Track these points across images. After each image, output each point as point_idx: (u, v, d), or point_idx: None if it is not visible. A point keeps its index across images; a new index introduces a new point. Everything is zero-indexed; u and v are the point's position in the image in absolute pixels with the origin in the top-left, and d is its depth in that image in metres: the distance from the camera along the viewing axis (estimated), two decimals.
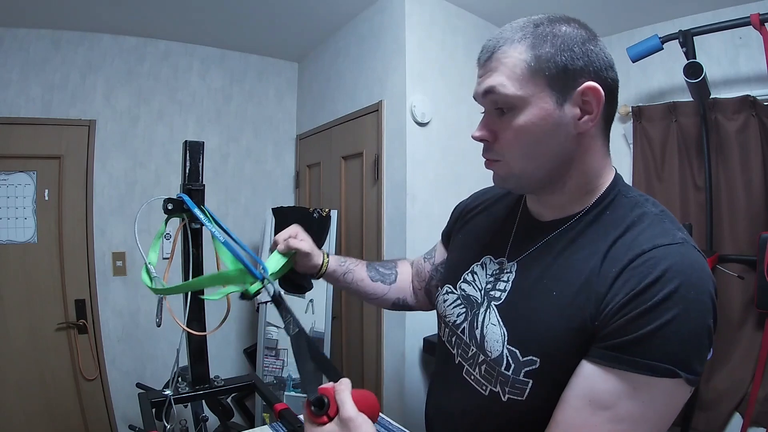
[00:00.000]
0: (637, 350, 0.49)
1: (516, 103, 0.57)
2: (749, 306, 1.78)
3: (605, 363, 0.50)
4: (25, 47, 2.14)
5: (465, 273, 0.74)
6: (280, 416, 0.85)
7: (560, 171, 0.60)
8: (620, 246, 0.55)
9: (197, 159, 0.91)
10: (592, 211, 0.61)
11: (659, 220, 0.56)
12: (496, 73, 0.57)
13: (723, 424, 1.77)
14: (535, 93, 0.56)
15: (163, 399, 0.88)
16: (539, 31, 0.57)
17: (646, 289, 0.49)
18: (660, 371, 0.48)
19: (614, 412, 0.50)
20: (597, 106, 0.56)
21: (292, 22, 2.31)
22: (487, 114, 0.61)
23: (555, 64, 0.55)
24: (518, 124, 0.57)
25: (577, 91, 0.56)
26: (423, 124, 1.94)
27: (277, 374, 2.22)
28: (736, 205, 1.84)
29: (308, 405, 0.56)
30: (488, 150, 0.62)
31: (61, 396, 2.15)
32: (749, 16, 1.60)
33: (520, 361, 0.58)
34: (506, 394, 0.60)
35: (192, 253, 0.89)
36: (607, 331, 0.51)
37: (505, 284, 0.65)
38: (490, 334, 0.63)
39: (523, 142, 0.58)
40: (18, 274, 2.11)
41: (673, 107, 1.97)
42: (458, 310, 0.72)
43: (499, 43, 0.58)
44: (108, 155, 2.32)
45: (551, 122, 0.56)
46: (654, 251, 0.51)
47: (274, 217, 2.33)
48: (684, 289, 0.48)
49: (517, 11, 2.09)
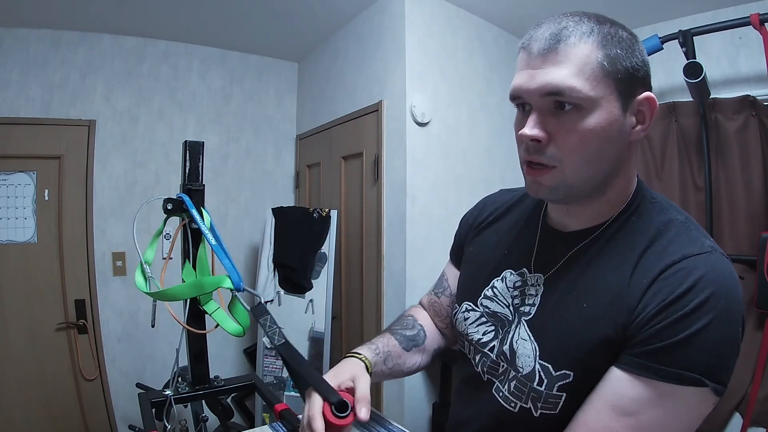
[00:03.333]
0: (666, 359, 0.49)
1: (584, 104, 0.52)
2: (749, 306, 1.77)
3: (633, 370, 0.50)
4: (25, 47, 2.14)
5: (485, 288, 0.70)
6: (280, 416, 0.85)
7: (608, 180, 0.58)
8: (650, 256, 0.54)
9: (197, 159, 0.91)
10: (620, 218, 0.60)
11: (686, 228, 0.56)
12: (562, 68, 0.51)
13: (723, 424, 1.77)
14: (605, 95, 0.52)
15: (163, 399, 0.88)
16: (605, 29, 0.53)
17: (678, 299, 0.49)
18: (686, 380, 0.48)
19: (637, 420, 0.50)
20: (650, 117, 0.56)
21: (292, 22, 2.31)
22: (539, 111, 0.54)
23: (624, 69, 0.53)
24: (587, 128, 0.52)
25: (637, 100, 0.55)
26: (423, 124, 1.94)
27: (277, 374, 2.22)
28: (736, 205, 1.84)
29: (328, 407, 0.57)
30: (540, 153, 0.54)
31: (61, 396, 2.15)
32: (749, 16, 1.60)
33: (553, 376, 0.57)
34: (539, 409, 0.58)
35: (191, 253, 0.89)
36: (638, 340, 0.51)
37: (533, 298, 0.63)
38: (521, 349, 0.61)
39: (588, 147, 0.53)
40: (18, 274, 2.11)
41: (673, 107, 1.97)
42: (484, 328, 0.68)
43: (564, 33, 0.52)
44: (108, 155, 2.32)
45: (616, 128, 0.53)
46: (684, 261, 0.51)
47: (273, 217, 2.33)
48: (714, 299, 0.48)
49: (517, 11, 2.10)
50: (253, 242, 2.71)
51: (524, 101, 0.55)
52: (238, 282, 0.66)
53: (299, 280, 2.20)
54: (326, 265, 2.24)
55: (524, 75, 0.54)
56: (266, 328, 0.64)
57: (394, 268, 1.94)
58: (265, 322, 0.64)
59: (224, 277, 0.67)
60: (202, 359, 0.95)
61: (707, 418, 0.54)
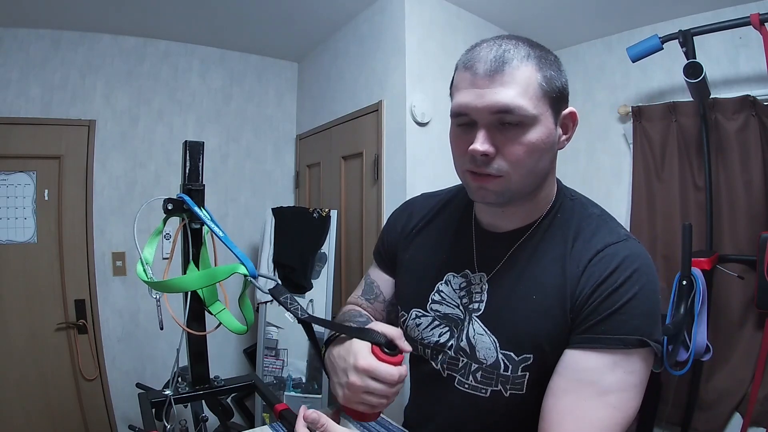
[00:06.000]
0: (608, 329, 0.56)
1: (527, 121, 0.57)
2: (749, 306, 1.77)
3: (583, 345, 0.58)
4: (25, 47, 2.14)
5: (431, 293, 0.74)
6: (280, 416, 0.85)
7: (540, 185, 0.65)
8: (577, 248, 0.63)
9: (197, 159, 0.90)
10: (548, 216, 0.68)
11: (603, 221, 0.66)
12: (509, 88, 0.56)
13: (723, 424, 1.77)
14: (543, 113, 0.58)
15: (163, 399, 0.88)
16: (538, 53, 0.59)
17: (607, 278, 0.58)
18: (631, 343, 0.56)
19: (599, 386, 0.56)
20: (573, 128, 0.64)
21: (292, 22, 2.32)
22: (487, 127, 0.58)
23: (557, 88, 0.59)
24: (530, 141, 0.58)
25: (563, 114, 0.62)
26: (423, 124, 1.94)
27: (277, 374, 2.22)
28: (736, 205, 1.84)
29: (377, 348, 0.58)
30: (487, 165, 0.59)
31: (61, 396, 2.15)
32: (749, 16, 1.59)
33: (516, 360, 0.63)
34: (508, 390, 0.65)
35: (192, 253, 0.89)
36: (580, 319, 0.59)
37: (480, 295, 0.69)
38: (480, 343, 0.66)
39: (531, 158, 0.59)
40: (18, 274, 2.11)
41: (673, 107, 1.97)
42: (439, 330, 0.73)
43: (507, 56, 0.57)
44: (108, 155, 2.32)
45: (551, 141, 0.60)
46: (607, 249, 0.61)
47: (273, 217, 2.33)
48: (637, 273, 0.58)
49: (517, 11, 2.10)
50: (253, 242, 2.71)
51: (470, 118, 0.59)
52: (252, 269, 0.66)
53: (299, 279, 2.20)
54: (326, 265, 2.24)
55: (471, 94, 0.58)
56: (288, 305, 0.63)
57: None
58: (286, 300, 0.64)
59: (237, 265, 0.66)
60: (202, 359, 0.95)
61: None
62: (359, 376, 0.57)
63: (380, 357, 0.57)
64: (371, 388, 0.57)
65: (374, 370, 0.56)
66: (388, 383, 0.57)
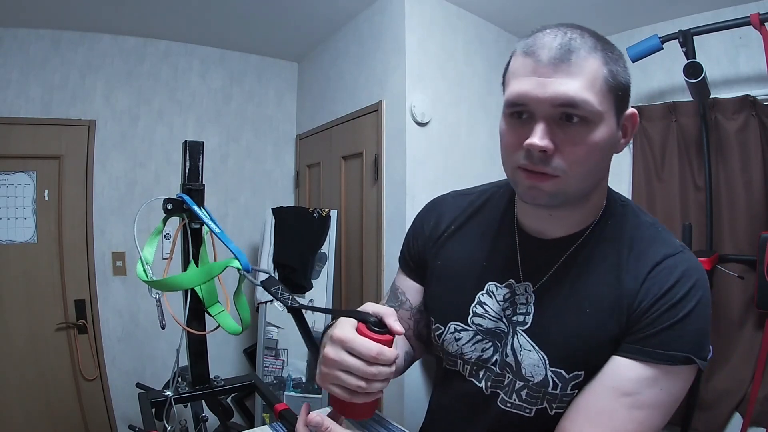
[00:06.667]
0: (660, 343, 0.55)
1: (592, 118, 0.52)
2: (749, 306, 1.78)
3: (631, 355, 0.56)
4: (25, 47, 2.14)
5: (472, 305, 0.68)
6: (280, 416, 0.85)
7: (593, 190, 0.60)
8: (633, 259, 0.59)
9: (197, 159, 0.90)
10: (600, 223, 0.63)
11: (656, 230, 0.62)
12: (576, 80, 0.51)
13: (723, 424, 1.77)
14: (607, 111, 0.53)
15: (163, 399, 0.88)
16: (604, 46, 0.54)
17: (667, 292, 0.56)
18: (679, 360, 0.54)
19: (635, 399, 0.54)
20: (632, 131, 0.59)
21: (292, 22, 2.31)
22: (547, 121, 0.52)
23: (622, 85, 0.55)
24: (594, 141, 0.53)
25: (625, 115, 0.57)
26: (423, 124, 1.94)
27: (277, 374, 2.22)
28: (736, 205, 1.84)
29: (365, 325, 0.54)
30: (545, 163, 0.53)
31: (61, 396, 2.15)
32: (749, 16, 1.60)
33: (567, 378, 0.60)
34: (553, 409, 0.62)
35: (192, 253, 0.89)
36: (635, 330, 0.56)
37: (526, 307, 0.64)
38: (527, 360, 0.62)
39: (592, 160, 0.54)
40: (18, 274, 2.11)
41: (673, 107, 1.97)
42: (482, 345, 0.67)
43: (574, 45, 0.51)
44: (108, 155, 2.32)
45: (612, 143, 0.56)
46: (666, 261, 0.58)
47: (273, 217, 2.33)
48: (695, 289, 0.56)
49: (516, 11, 2.10)
50: (253, 242, 2.71)
51: (528, 109, 0.53)
52: (246, 263, 0.66)
53: (299, 280, 2.20)
54: (326, 265, 2.24)
55: (531, 82, 0.52)
56: (278, 295, 0.62)
57: (393, 268, 1.93)
58: (277, 291, 0.63)
59: (231, 259, 0.66)
60: (202, 359, 0.95)
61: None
62: (334, 348, 0.53)
63: (363, 333, 0.53)
64: (346, 364, 0.52)
65: (349, 341, 0.52)
66: (365, 358, 0.51)
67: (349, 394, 0.53)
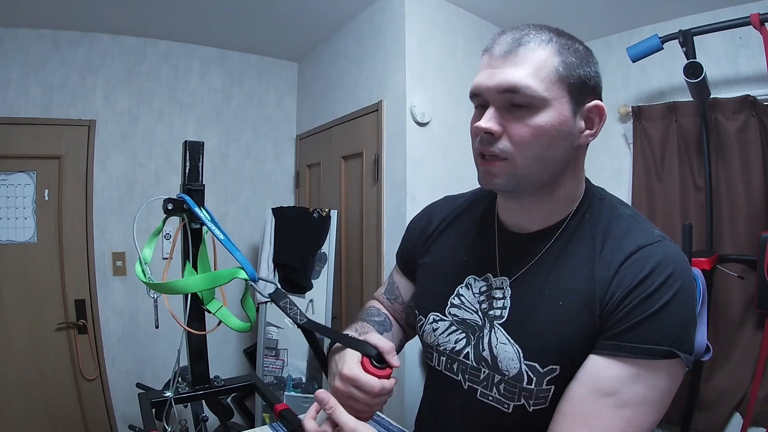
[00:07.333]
0: (636, 337, 0.53)
1: (537, 103, 0.56)
2: (749, 306, 1.77)
3: (608, 352, 0.55)
4: (25, 47, 2.14)
5: (450, 297, 0.71)
6: (280, 416, 0.85)
7: (557, 178, 0.62)
8: (607, 251, 0.59)
9: (197, 159, 0.90)
10: (575, 217, 0.64)
11: (635, 221, 0.62)
12: (520, 68, 0.56)
13: (723, 424, 1.77)
14: (557, 97, 0.56)
15: (164, 399, 0.88)
16: (562, 41, 0.58)
17: (640, 283, 0.54)
18: (659, 353, 0.53)
19: (618, 398, 0.53)
20: (599, 123, 0.61)
21: (292, 22, 2.31)
22: (496, 107, 0.58)
23: (578, 76, 0.58)
24: (538, 124, 0.56)
25: (587, 107, 0.60)
26: (423, 124, 1.94)
27: (277, 374, 2.22)
28: (736, 205, 1.84)
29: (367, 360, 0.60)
30: (492, 144, 0.58)
31: (61, 396, 2.15)
32: (749, 16, 1.60)
33: (541, 373, 0.60)
34: (531, 406, 0.62)
35: (191, 253, 0.89)
36: (609, 325, 0.56)
37: (502, 301, 0.65)
38: (503, 353, 0.63)
39: (539, 143, 0.57)
40: (18, 274, 2.11)
41: (673, 107, 1.97)
42: (455, 336, 0.70)
43: (525, 39, 0.57)
44: (108, 155, 2.32)
45: (566, 129, 0.58)
46: (640, 252, 0.57)
47: (274, 217, 2.33)
48: (672, 279, 0.54)
49: (516, 11, 2.10)
50: (253, 242, 2.71)
51: (483, 99, 0.59)
52: (252, 273, 0.67)
53: (299, 280, 2.20)
54: (326, 265, 2.24)
55: (485, 74, 0.58)
56: (287, 310, 0.66)
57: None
58: (286, 305, 0.66)
59: (238, 270, 0.67)
60: (202, 359, 0.95)
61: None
62: (344, 384, 0.60)
63: (367, 368, 0.59)
64: (354, 396, 0.59)
65: (357, 379, 0.58)
66: (369, 394, 0.58)
67: (355, 413, 0.59)
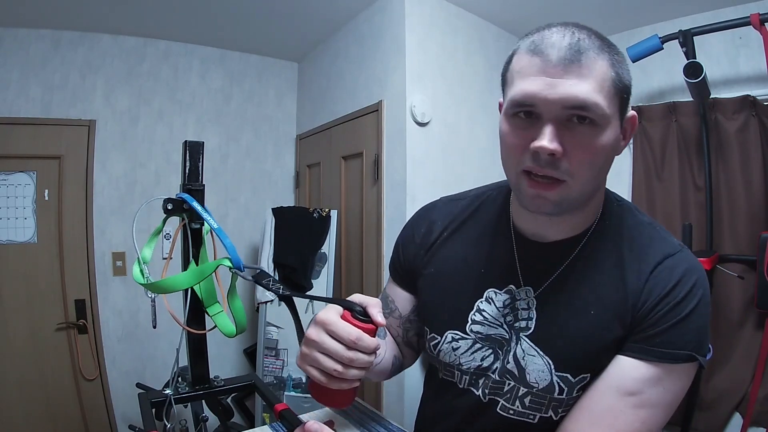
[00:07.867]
0: (664, 342, 0.55)
1: (600, 121, 0.51)
2: (749, 306, 1.77)
3: (635, 355, 0.56)
4: (25, 47, 2.14)
5: (470, 314, 0.66)
6: (280, 416, 0.85)
7: (595, 192, 0.59)
8: (635, 259, 0.59)
9: (197, 159, 0.90)
10: (599, 225, 0.63)
11: (654, 229, 0.62)
12: (585, 82, 0.49)
13: (723, 424, 1.77)
14: (614, 113, 0.52)
15: (163, 399, 0.88)
16: (609, 47, 0.52)
17: (671, 291, 0.56)
18: (682, 358, 0.54)
19: (639, 398, 0.55)
20: (631, 133, 0.59)
21: (292, 22, 2.31)
22: (555, 123, 0.51)
23: (627, 88, 0.54)
24: (601, 144, 0.51)
25: (626, 118, 0.57)
26: (423, 124, 1.94)
27: (277, 374, 2.22)
28: (736, 205, 1.84)
29: (348, 313, 0.56)
30: (554, 167, 0.51)
31: (61, 396, 2.15)
32: (749, 16, 1.60)
33: (573, 383, 0.59)
34: (559, 414, 0.62)
35: (192, 253, 0.89)
36: (638, 330, 0.57)
37: (527, 312, 0.63)
38: (532, 365, 0.61)
39: (599, 163, 0.53)
40: (18, 274, 2.10)
41: (673, 107, 1.97)
42: (481, 354, 0.65)
43: (582, 45, 0.50)
44: (108, 155, 2.32)
45: (617, 146, 0.55)
46: (666, 261, 0.58)
47: (274, 217, 2.33)
48: (696, 287, 0.56)
49: (517, 11, 2.10)
50: (253, 242, 2.71)
51: (535, 110, 0.51)
52: (237, 260, 0.66)
53: (299, 280, 2.20)
54: (326, 265, 2.24)
55: (540, 82, 0.50)
56: (269, 286, 0.64)
57: None
58: (268, 282, 0.64)
59: (223, 258, 0.67)
60: (202, 359, 0.95)
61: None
62: (316, 329, 0.55)
63: (347, 319, 0.55)
64: (325, 346, 0.54)
65: (331, 324, 0.54)
66: (345, 342, 0.54)
67: (326, 378, 0.55)
